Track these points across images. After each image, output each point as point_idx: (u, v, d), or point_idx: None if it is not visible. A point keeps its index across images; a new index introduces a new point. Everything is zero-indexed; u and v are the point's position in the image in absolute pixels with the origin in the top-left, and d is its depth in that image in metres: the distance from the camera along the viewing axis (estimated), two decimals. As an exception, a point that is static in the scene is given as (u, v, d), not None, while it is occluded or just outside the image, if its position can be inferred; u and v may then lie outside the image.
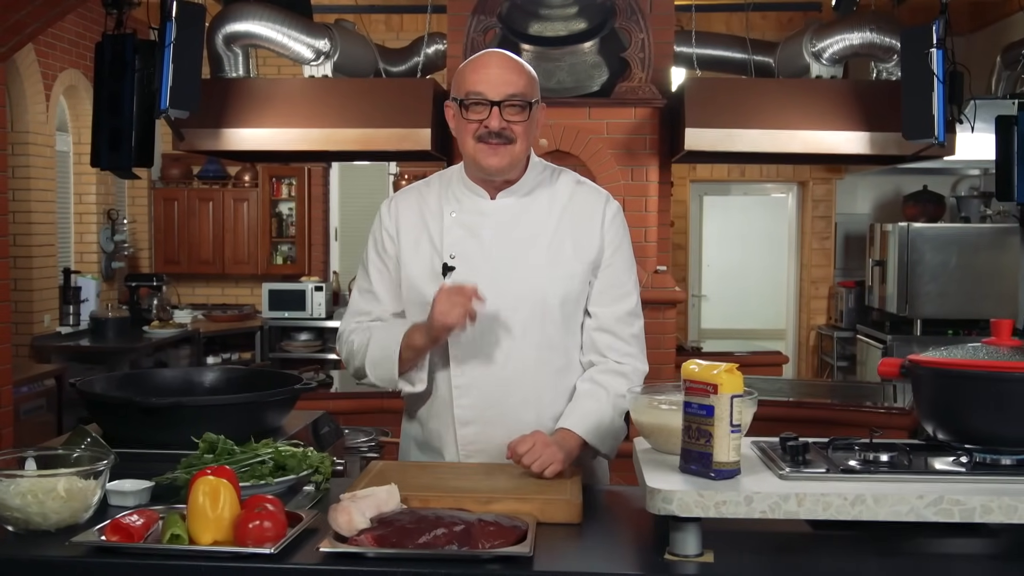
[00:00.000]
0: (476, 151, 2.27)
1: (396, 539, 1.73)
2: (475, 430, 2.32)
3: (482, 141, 2.26)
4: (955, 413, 1.87)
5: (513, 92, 2.23)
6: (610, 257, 2.37)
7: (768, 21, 8.68)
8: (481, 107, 2.24)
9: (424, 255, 2.35)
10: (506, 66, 2.26)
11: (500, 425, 2.30)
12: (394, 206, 2.43)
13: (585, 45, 5.22)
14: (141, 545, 1.73)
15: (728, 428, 1.77)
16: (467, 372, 2.31)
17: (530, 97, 2.27)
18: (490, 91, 2.23)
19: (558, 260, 2.31)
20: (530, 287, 2.29)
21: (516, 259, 2.30)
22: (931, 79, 4.37)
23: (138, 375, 2.76)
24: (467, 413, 2.32)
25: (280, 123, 5.14)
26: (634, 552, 1.86)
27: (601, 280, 2.36)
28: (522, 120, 2.26)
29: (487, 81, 2.23)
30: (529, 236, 2.32)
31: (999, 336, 1.88)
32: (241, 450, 2.16)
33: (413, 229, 2.38)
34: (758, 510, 1.70)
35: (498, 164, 2.27)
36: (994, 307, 7.37)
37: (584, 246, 2.34)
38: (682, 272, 9.18)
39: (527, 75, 2.28)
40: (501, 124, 2.23)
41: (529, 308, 2.29)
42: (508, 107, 2.23)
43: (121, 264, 8.37)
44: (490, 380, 2.30)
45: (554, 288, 2.30)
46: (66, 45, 7.46)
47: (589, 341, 2.39)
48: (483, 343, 2.29)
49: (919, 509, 1.69)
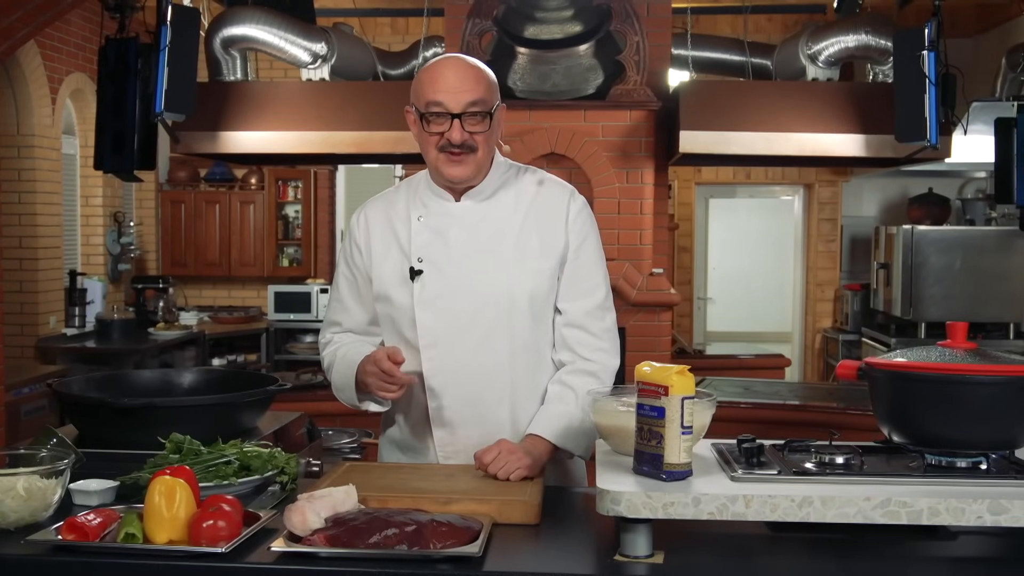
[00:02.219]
0: (438, 161, 2.26)
1: (347, 539, 1.74)
2: (451, 431, 2.34)
3: (444, 151, 2.24)
4: (909, 415, 1.87)
5: (473, 100, 2.21)
6: (576, 251, 2.36)
7: (774, 23, 8.67)
8: (442, 119, 2.22)
9: (394, 261, 2.36)
10: (464, 74, 2.23)
11: (476, 425, 2.32)
12: (363, 217, 2.44)
13: (580, 48, 5.24)
14: (95, 544, 1.75)
15: (679, 430, 1.78)
16: (439, 374, 2.32)
17: (490, 104, 2.25)
18: (450, 102, 2.20)
19: (524, 257, 2.32)
20: (498, 285, 2.30)
21: (483, 258, 2.31)
22: (923, 81, 4.36)
23: (117, 376, 2.79)
24: (442, 415, 2.34)
25: (277, 126, 5.18)
26: (587, 553, 1.87)
27: (568, 275, 2.36)
28: (483, 130, 2.24)
29: (446, 91, 2.20)
30: (495, 235, 2.32)
31: (954, 338, 1.88)
32: (208, 451, 2.18)
33: (383, 237, 2.39)
34: (706, 511, 1.71)
35: (461, 174, 2.27)
36: (999, 310, 7.34)
37: (550, 243, 2.34)
38: (687, 275, 9.17)
39: (486, 81, 2.26)
40: (463, 136, 2.22)
41: (497, 307, 2.30)
42: (469, 117, 2.22)
43: (128, 266, 8.43)
44: (463, 381, 2.31)
45: (522, 286, 2.31)
46: (72, 48, 7.53)
47: (560, 338, 2.39)
48: (454, 345, 2.30)
49: (866, 511, 1.69)
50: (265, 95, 5.25)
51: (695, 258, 9.31)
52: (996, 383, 1.81)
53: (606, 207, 5.20)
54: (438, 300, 2.30)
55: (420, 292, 2.31)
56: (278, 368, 8.55)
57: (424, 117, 2.23)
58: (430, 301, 2.31)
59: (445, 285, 2.30)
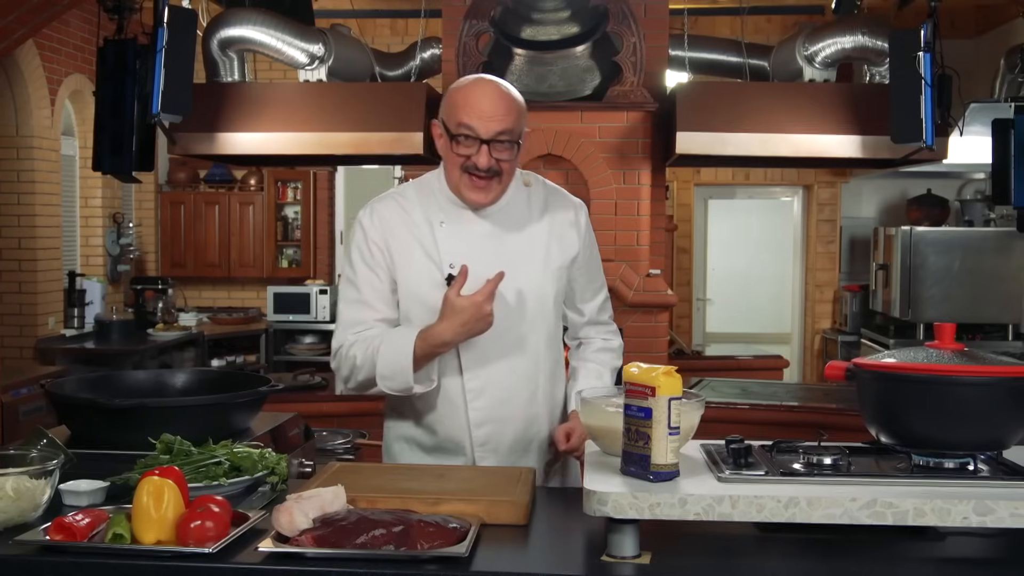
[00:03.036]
0: (461, 183, 2.32)
1: (335, 539, 1.75)
2: (489, 430, 2.40)
3: (468, 173, 2.30)
4: (896, 416, 1.87)
5: (502, 129, 2.26)
6: (587, 257, 2.51)
7: (773, 24, 8.67)
8: (471, 142, 2.27)
9: (420, 264, 2.38)
10: (499, 103, 2.27)
11: (511, 422, 2.41)
12: (376, 215, 2.44)
13: (577, 49, 5.24)
14: (83, 544, 1.75)
15: (666, 430, 1.78)
16: (480, 375, 2.38)
17: (519, 133, 2.30)
18: (480, 128, 2.25)
19: (548, 260, 2.43)
20: (531, 287, 2.40)
21: (513, 262, 2.36)
22: (919, 83, 4.36)
23: (110, 376, 2.78)
24: (481, 415, 2.39)
25: (274, 127, 5.18)
26: (575, 553, 1.87)
27: (582, 279, 2.52)
28: (510, 158, 2.31)
29: (479, 117, 2.25)
30: (519, 241, 2.41)
31: (942, 339, 1.89)
32: (198, 451, 2.19)
33: (403, 238, 2.40)
34: (692, 512, 1.71)
35: (484, 200, 2.34)
36: (997, 311, 7.34)
37: (565, 249, 2.46)
38: (687, 276, 9.17)
39: (517, 109, 2.30)
40: (489, 162, 2.27)
41: (532, 307, 2.40)
42: (497, 144, 2.27)
43: (127, 267, 8.43)
44: (502, 380, 2.39)
45: (549, 286, 2.43)
46: (71, 50, 7.53)
47: (576, 335, 2.62)
48: (493, 345, 2.36)
49: (852, 512, 1.69)
50: (262, 96, 5.26)
51: (694, 259, 9.31)
52: (983, 384, 1.81)
53: (603, 208, 5.21)
54: None
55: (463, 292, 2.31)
56: (277, 369, 8.55)
57: (454, 138, 2.29)
58: None
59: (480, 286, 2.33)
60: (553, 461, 2.50)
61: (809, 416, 4.77)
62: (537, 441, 2.45)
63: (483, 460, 2.40)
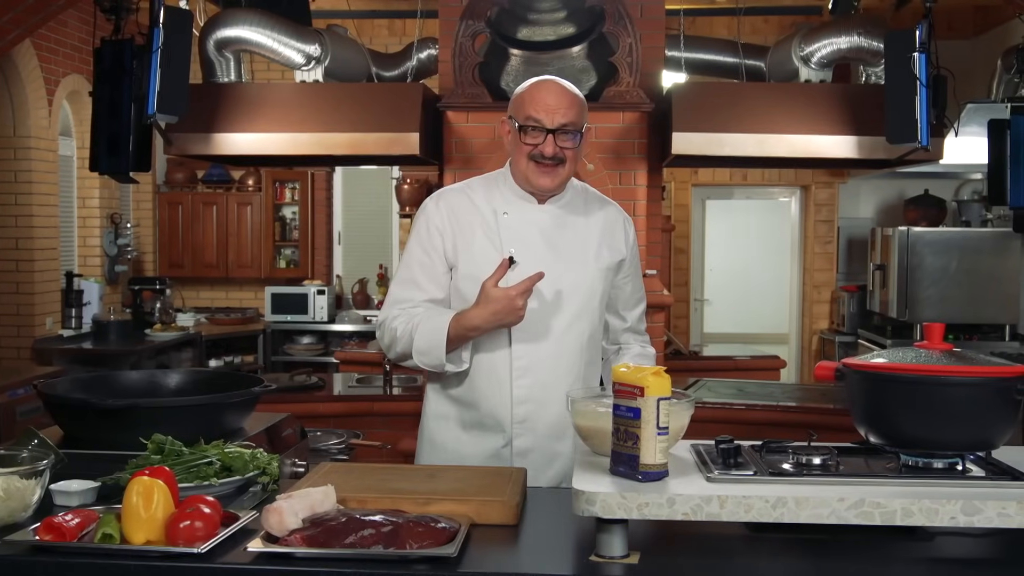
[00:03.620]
0: (528, 170, 2.52)
1: (324, 539, 1.75)
2: (529, 408, 2.53)
3: (535, 161, 2.50)
4: (885, 416, 1.88)
5: (566, 121, 2.47)
6: (632, 267, 2.71)
7: (770, 25, 8.68)
8: (537, 132, 2.47)
9: (480, 246, 2.56)
10: (562, 97, 2.49)
11: (551, 405, 2.52)
12: (443, 203, 2.62)
13: (573, 50, 5.24)
14: (72, 544, 1.76)
15: (654, 430, 1.78)
16: (528, 354, 2.52)
17: (580, 125, 2.51)
18: (547, 119, 2.46)
19: (599, 261, 2.60)
20: (581, 280, 2.56)
21: (568, 256, 2.56)
22: (914, 83, 4.36)
23: (103, 376, 2.79)
24: (524, 392, 2.53)
25: (270, 128, 5.18)
26: (564, 553, 1.87)
27: (627, 288, 2.71)
28: (573, 146, 2.50)
29: (545, 109, 2.46)
30: (575, 239, 2.59)
31: (931, 340, 1.89)
32: (190, 451, 2.19)
33: (467, 223, 2.59)
34: (680, 512, 1.72)
35: (550, 184, 2.53)
36: (994, 311, 7.34)
37: (613, 254, 2.64)
38: (684, 276, 9.18)
39: (579, 104, 2.51)
40: (555, 150, 2.48)
41: (580, 299, 2.56)
42: (561, 134, 2.47)
43: (125, 268, 8.43)
44: (545, 363, 2.53)
45: (598, 284, 2.59)
46: (68, 50, 7.54)
47: (615, 339, 2.74)
48: (543, 329, 2.53)
49: (840, 512, 1.70)
50: (258, 97, 5.25)
51: (692, 259, 9.31)
52: (971, 384, 1.82)
53: (599, 208, 5.19)
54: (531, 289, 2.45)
55: (515, 280, 2.44)
56: (275, 369, 8.56)
57: (522, 128, 2.49)
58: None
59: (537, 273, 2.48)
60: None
61: (805, 416, 4.76)
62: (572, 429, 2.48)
63: (520, 438, 2.53)
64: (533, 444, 2.54)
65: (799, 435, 2.20)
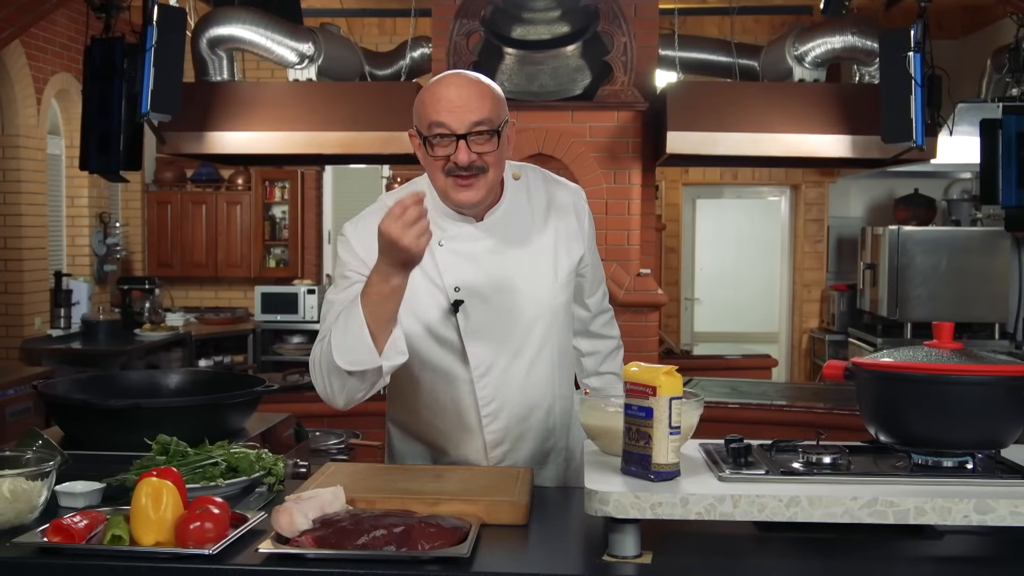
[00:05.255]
0: (447, 186, 2.14)
1: (335, 540, 1.74)
2: (506, 448, 2.32)
3: (452, 175, 2.12)
4: (896, 415, 1.88)
5: (478, 119, 2.07)
6: (591, 254, 2.43)
7: (761, 24, 8.70)
8: (447, 140, 2.08)
9: (421, 290, 2.18)
10: (468, 91, 2.09)
11: (529, 439, 2.34)
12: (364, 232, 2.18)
13: (568, 49, 5.24)
14: (81, 546, 1.74)
15: (667, 430, 1.78)
16: (495, 400, 2.27)
17: (497, 122, 2.11)
18: (454, 122, 2.07)
19: (558, 267, 2.30)
20: (543, 302, 2.27)
21: (523, 280, 2.24)
22: (909, 83, 4.38)
23: (103, 377, 2.78)
24: (498, 436, 2.31)
25: (264, 126, 5.16)
26: (576, 553, 1.87)
27: (589, 275, 2.44)
28: (491, 149, 2.11)
29: (449, 111, 2.07)
30: (525, 252, 2.26)
31: (940, 339, 1.89)
32: (194, 452, 2.18)
33: None
34: (694, 511, 1.71)
35: (472, 198, 2.15)
36: (984, 310, 7.38)
37: (573, 248, 2.34)
38: (675, 275, 9.19)
39: (492, 96, 2.12)
40: (470, 157, 2.08)
41: (545, 323, 2.28)
42: (475, 137, 2.08)
43: (114, 267, 8.39)
44: (517, 400, 2.29)
45: (561, 296, 2.31)
46: (57, 48, 7.49)
47: (584, 328, 2.52)
48: (507, 369, 2.26)
49: (853, 511, 1.69)
50: (252, 95, 5.24)
51: (682, 259, 9.33)
52: (982, 383, 1.82)
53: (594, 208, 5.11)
54: (486, 329, 2.23)
55: (466, 324, 2.21)
56: (264, 369, 8.53)
57: (427, 140, 2.10)
58: (478, 331, 2.23)
59: (490, 313, 2.22)
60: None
61: (801, 416, 4.79)
62: (555, 451, 2.40)
63: None
64: None
65: (797, 433, 2.22)
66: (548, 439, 2.37)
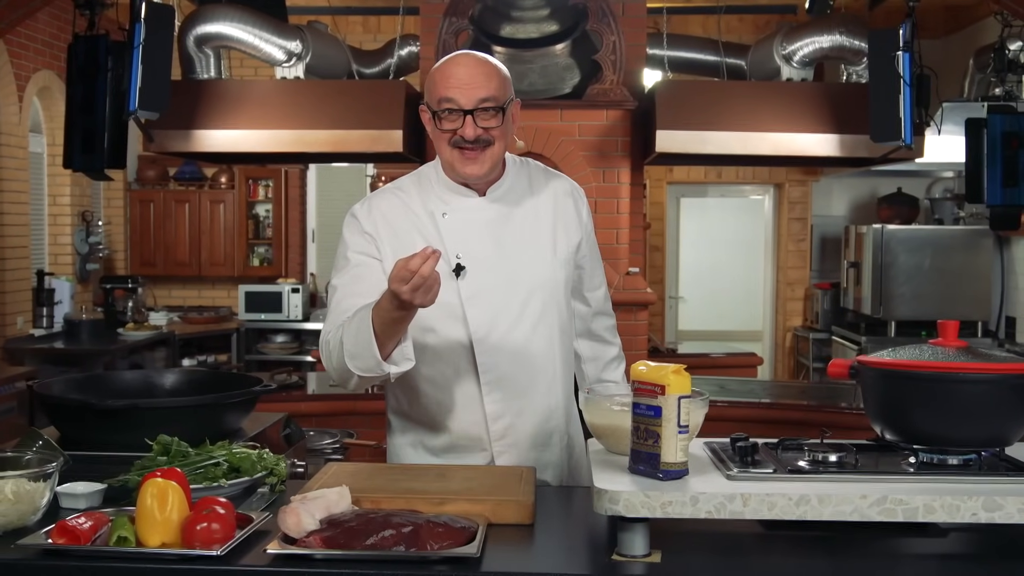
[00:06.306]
0: (453, 158, 2.26)
1: (344, 540, 1.73)
2: (507, 422, 2.34)
3: (458, 148, 2.24)
4: (901, 413, 1.89)
5: (485, 96, 2.21)
6: (590, 242, 2.48)
7: (745, 24, 8.72)
8: (454, 115, 2.22)
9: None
10: (476, 70, 2.23)
11: (530, 414, 2.36)
12: (372, 209, 2.36)
13: (557, 47, 5.23)
14: (87, 547, 1.72)
15: (676, 429, 1.78)
16: (495, 366, 2.31)
17: (503, 100, 2.24)
18: (461, 98, 2.20)
19: (556, 247, 2.38)
20: (542, 275, 2.35)
21: (522, 251, 2.34)
22: (898, 82, 4.40)
23: (99, 377, 2.76)
24: (498, 407, 2.33)
25: (252, 124, 5.13)
26: (583, 552, 1.87)
27: (588, 265, 2.49)
28: (496, 125, 2.24)
29: (458, 87, 2.20)
30: (527, 228, 2.36)
31: (945, 337, 1.90)
32: (196, 452, 2.16)
33: (404, 230, 2.32)
34: (704, 510, 1.71)
35: (477, 171, 2.27)
36: (967, 308, 7.42)
37: (570, 234, 2.42)
38: (659, 274, 9.21)
39: (498, 76, 2.25)
40: (476, 132, 2.22)
41: (543, 296, 2.35)
42: (481, 113, 2.21)
43: (96, 266, 8.33)
44: (516, 373, 2.33)
45: (559, 273, 2.38)
46: (40, 46, 7.43)
47: (587, 329, 2.55)
48: (506, 338, 2.31)
49: (863, 509, 1.70)
50: (239, 93, 5.21)
51: (667, 257, 9.35)
52: (987, 381, 1.83)
53: (583, 206, 5.20)
54: (487, 295, 2.29)
55: (467, 288, 2.28)
56: (249, 369, 8.48)
57: (437, 115, 2.24)
58: (479, 296, 2.29)
59: (491, 279, 2.30)
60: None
61: (792, 414, 4.81)
62: (557, 434, 2.40)
63: (503, 455, 2.34)
64: (518, 459, 2.34)
65: (791, 431, 2.23)
66: (550, 419, 2.38)
